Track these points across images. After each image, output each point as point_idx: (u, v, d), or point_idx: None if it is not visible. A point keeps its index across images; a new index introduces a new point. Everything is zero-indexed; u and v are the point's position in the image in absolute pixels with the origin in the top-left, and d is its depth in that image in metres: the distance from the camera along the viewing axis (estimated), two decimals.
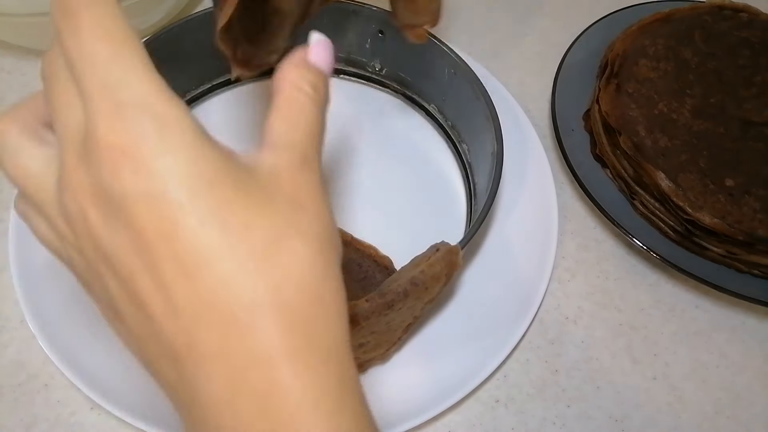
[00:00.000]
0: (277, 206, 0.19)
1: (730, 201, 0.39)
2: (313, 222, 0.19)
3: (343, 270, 0.42)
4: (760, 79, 0.44)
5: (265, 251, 0.18)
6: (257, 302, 0.18)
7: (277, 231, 0.18)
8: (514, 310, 0.39)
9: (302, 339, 0.18)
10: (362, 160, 0.45)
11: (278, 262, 0.18)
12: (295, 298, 0.18)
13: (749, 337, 0.41)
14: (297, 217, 0.19)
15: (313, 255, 0.19)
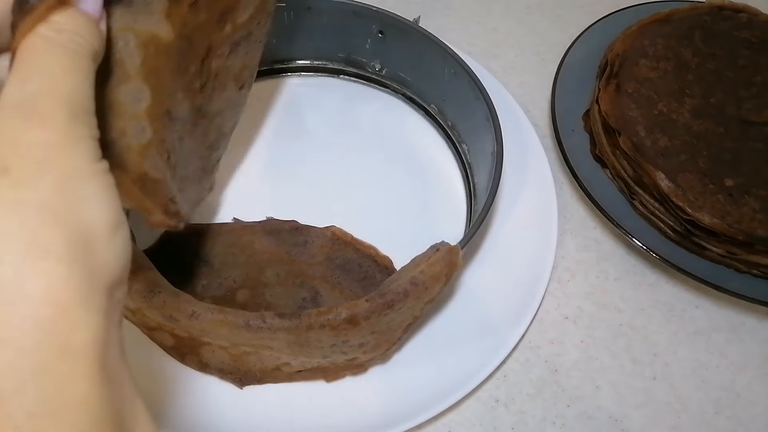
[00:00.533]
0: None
1: (730, 201, 0.39)
2: (24, 196, 0.15)
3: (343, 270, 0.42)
4: (760, 79, 0.44)
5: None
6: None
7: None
8: (514, 310, 0.39)
9: (5, 351, 0.15)
10: (362, 160, 0.45)
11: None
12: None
13: (749, 337, 0.41)
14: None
15: (9, 240, 0.15)
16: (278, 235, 0.41)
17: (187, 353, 0.36)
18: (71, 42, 0.17)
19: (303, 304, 0.38)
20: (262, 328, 0.31)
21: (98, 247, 0.16)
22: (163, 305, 0.31)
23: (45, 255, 0.15)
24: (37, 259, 0.15)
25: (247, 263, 0.40)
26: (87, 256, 0.16)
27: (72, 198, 0.16)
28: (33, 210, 0.15)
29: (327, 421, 0.35)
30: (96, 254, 0.16)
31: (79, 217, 0.16)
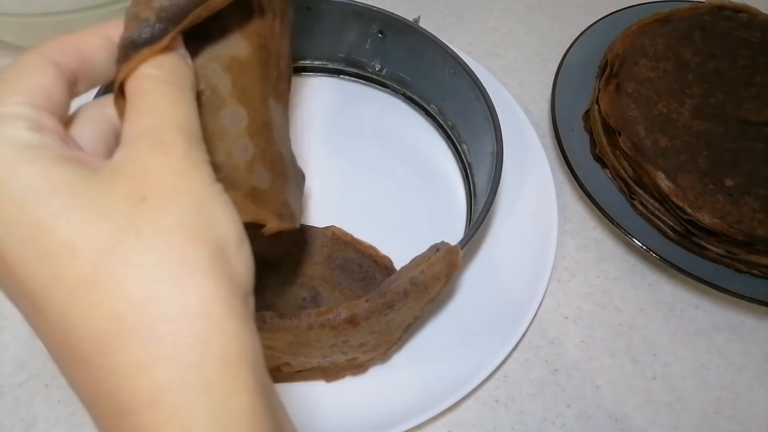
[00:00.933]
0: (111, 207, 0.16)
1: (730, 201, 0.39)
2: (162, 221, 0.16)
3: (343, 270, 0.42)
4: (760, 79, 0.44)
5: (95, 274, 0.16)
6: (106, 337, 0.16)
7: (110, 240, 0.16)
8: (514, 310, 0.39)
9: (171, 364, 0.16)
10: (362, 160, 0.45)
11: (116, 279, 0.16)
12: (148, 318, 0.16)
13: (749, 337, 0.41)
14: (138, 214, 0.16)
15: (159, 259, 0.16)
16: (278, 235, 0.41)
17: None
18: (172, 77, 0.19)
19: (303, 304, 0.38)
20: (262, 328, 0.31)
21: (232, 259, 0.17)
22: None
23: (193, 272, 0.16)
24: (187, 277, 0.16)
25: None
26: (226, 269, 0.17)
27: (205, 218, 0.17)
28: (175, 232, 0.16)
29: (327, 421, 0.35)
30: (231, 266, 0.17)
31: (214, 234, 0.17)
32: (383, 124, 0.47)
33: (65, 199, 0.16)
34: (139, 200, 0.16)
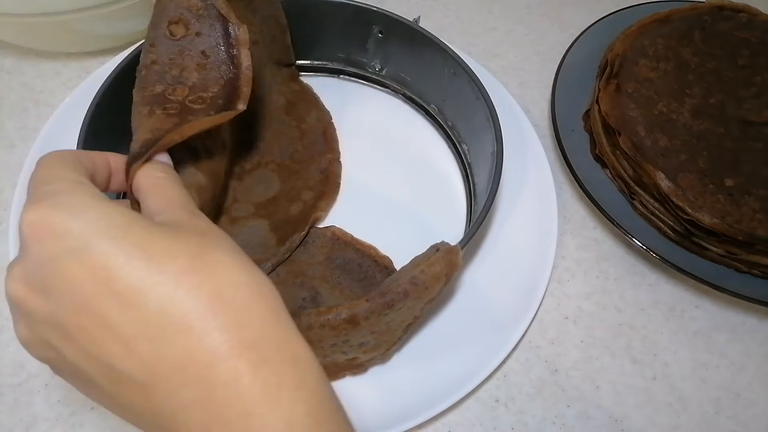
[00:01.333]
0: (187, 235, 0.22)
1: (730, 201, 0.39)
2: (220, 240, 0.23)
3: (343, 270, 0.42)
4: (760, 79, 0.44)
5: (194, 266, 0.21)
6: (201, 312, 0.20)
7: (196, 249, 0.21)
8: (514, 310, 0.39)
9: (251, 332, 0.20)
10: (362, 160, 0.45)
11: (208, 271, 0.21)
12: (237, 298, 0.21)
13: (749, 337, 0.41)
14: (206, 239, 0.22)
15: (236, 260, 0.22)
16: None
17: None
18: (166, 173, 0.26)
19: (303, 304, 0.38)
20: None
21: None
22: None
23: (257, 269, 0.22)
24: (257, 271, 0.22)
25: None
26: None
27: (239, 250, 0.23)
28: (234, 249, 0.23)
29: None
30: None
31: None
32: (383, 124, 0.47)
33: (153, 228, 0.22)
34: (201, 234, 0.22)
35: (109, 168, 0.27)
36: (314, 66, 0.49)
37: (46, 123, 0.43)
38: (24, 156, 0.43)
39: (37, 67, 0.50)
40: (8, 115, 0.47)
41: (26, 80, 0.49)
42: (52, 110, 0.44)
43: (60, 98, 0.46)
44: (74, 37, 0.46)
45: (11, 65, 0.50)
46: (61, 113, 0.44)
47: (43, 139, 0.43)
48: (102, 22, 0.45)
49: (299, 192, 0.43)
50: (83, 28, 0.45)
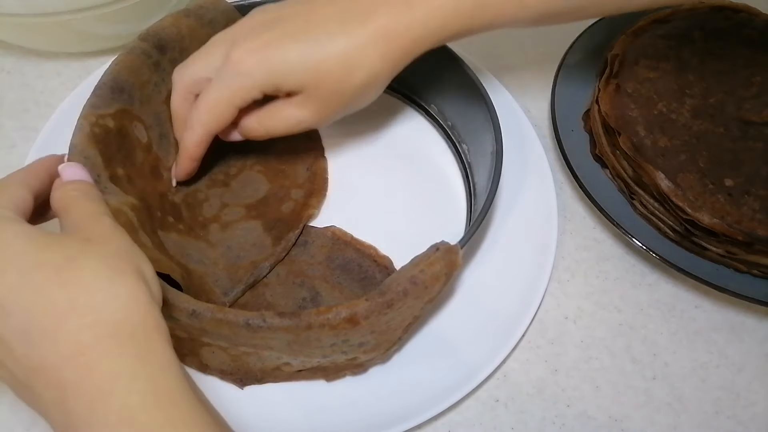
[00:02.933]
0: (66, 245, 0.25)
1: (730, 201, 0.39)
2: (100, 247, 0.25)
3: (343, 270, 0.42)
4: (760, 79, 0.44)
5: (58, 276, 0.24)
6: (56, 318, 0.23)
7: (64, 259, 0.24)
8: (514, 310, 0.39)
9: (98, 332, 0.23)
10: (362, 160, 0.45)
11: (69, 280, 0.24)
12: (90, 303, 0.23)
13: (749, 337, 0.41)
14: (85, 246, 0.25)
15: (101, 266, 0.24)
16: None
17: (187, 354, 0.36)
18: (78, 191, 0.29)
19: (303, 303, 0.38)
20: (262, 327, 0.31)
21: (148, 280, 0.26)
22: (164, 304, 0.31)
23: (124, 275, 0.25)
24: (121, 276, 0.25)
25: None
26: (145, 282, 0.25)
27: (130, 253, 0.26)
28: (111, 254, 0.25)
29: (327, 421, 0.35)
30: (148, 283, 0.26)
31: (136, 263, 0.26)
32: (382, 124, 0.47)
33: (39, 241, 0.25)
34: (86, 240, 0.26)
35: (49, 174, 0.30)
36: None
37: (46, 123, 0.43)
38: (24, 156, 0.43)
39: (38, 67, 0.50)
40: (8, 115, 0.47)
41: (26, 80, 0.49)
42: (52, 110, 0.44)
43: (60, 98, 0.46)
44: (74, 37, 0.46)
45: (11, 65, 0.50)
46: (61, 113, 0.44)
47: (43, 139, 0.43)
48: (102, 22, 0.45)
49: (288, 191, 0.42)
50: (83, 28, 0.45)
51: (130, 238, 0.28)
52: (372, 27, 0.31)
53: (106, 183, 0.34)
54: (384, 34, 0.32)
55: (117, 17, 0.45)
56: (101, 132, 0.35)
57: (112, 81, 0.37)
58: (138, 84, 0.38)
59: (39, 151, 0.42)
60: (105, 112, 0.36)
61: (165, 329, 0.25)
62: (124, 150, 0.37)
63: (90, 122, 0.35)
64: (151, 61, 0.39)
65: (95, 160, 0.34)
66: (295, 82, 0.33)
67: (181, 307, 0.31)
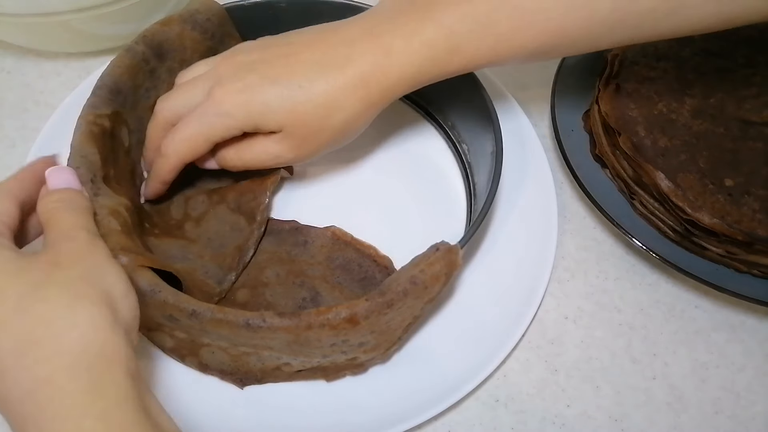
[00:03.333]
0: (32, 269, 0.25)
1: (730, 201, 0.39)
2: (65, 272, 0.25)
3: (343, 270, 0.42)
4: (760, 79, 0.44)
5: (19, 306, 0.24)
6: (17, 352, 0.23)
7: (27, 287, 0.24)
8: (514, 310, 0.39)
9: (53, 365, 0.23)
10: (361, 160, 0.45)
11: (28, 311, 0.24)
12: (47, 334, 0.23)
13: (749, 337, 0.41)
14: (50, 272, 0.25)
15: (62, 295, 0.24)
16: (278, 236, 0.41)
17: (187, 355, 0.36)
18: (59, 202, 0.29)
19: (303, 304, 0.38)
20: (262, 327, 0.31)
21: (118, 303, 0.25)
22: (164, 305, 0.31)
23: (85, 301, 0.24)
24: (82, 304, 0.24)
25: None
26: (111, 306, 0.25)
27: (98, 274, 0.26)
28: (75, 279, 0.25)
29: (327, 421, 0.35)
30: (116, 306, 0.25)
31: (104, 284, 0.25)
32: (382, 125, 0.47)
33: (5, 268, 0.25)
34: (54, 265, 0.25)
35: (38, 180, 0.30)
36: None
37: (46, 123, 0.43)
38: (24, 156, 0.43)
39: (38, 67, 0.50)
40: (8, 115, 0.47)
41: (26, 80, 0.49)
42: (52, 110, 0.44)
43: (60, 98, 0.46)
44: (74, 37, 0.46)
45: (11, 65, 0.50)
46: (61, 113, 0.44)
47: (43, 139, 0.43)
48: (102, 22, 0.45)
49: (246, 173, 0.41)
50: (83, 28, 0.45)
51: (104, 253, 0.27)
52: (350, 73, 0.33)
53: (100, 183, 0.34)
54: (362, 79, 0.33)
55: (117, 17, 0.45)
56: (99, 131, 0.35)
57: (112, 83, 0.37)
58: (133, 88, 0.38)
59: (39, 151, 0.42)
60: (103, 113, 0.36)
61: (125, 357, 0.24)
62: (114, 152, 0.37)
63: (88, 121, 0.35)
64: (149, 67, 0.39)
65: (93, 159, 0.34)
66: (275, 123, 0.34)
67: (181, 308, 0.31)
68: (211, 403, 0.35)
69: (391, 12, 0.34)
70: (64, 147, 0.35)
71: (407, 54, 0.33)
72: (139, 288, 0.30)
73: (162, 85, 0.40)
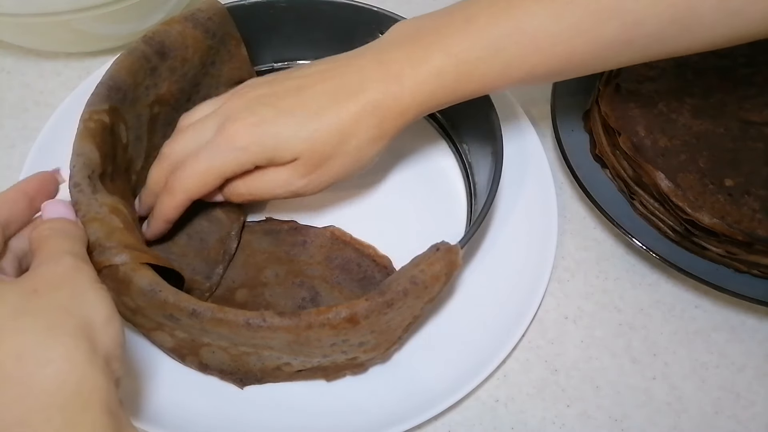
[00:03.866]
0: (8, 299, 0.24)
1: (730, 201, 0.39)
2: (42, 300, 0.24)
3: (342, 270, 0.42)
4: (760, 79, 0.44)
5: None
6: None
7: (4, 317, 0.23)
8: (514, 310, 0.39)
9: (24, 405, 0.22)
10: None
11: (4, 343, 0.22)
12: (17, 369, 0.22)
13: (749, 337, 0.41)
14: (27, 301, 0.24)
15: (36, 327, 0.23)
16: (277, 236, 0.41)
17: (187, 354, 0.36)
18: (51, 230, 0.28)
19: (302, 303, 0.38)
20: (262, 327, 0.31)
21: (97, 331, 0.24)
22: (164, 304, 0.31)
23: (61, 333, 0.23)
24: (56, 336, 0.23)
25: (246, 263, 0.40)
26: (89, 336, 0.24)
27: (78, 302, 0.24)
28: (52, 309, 0.24)
29: (327, 421, 0.35)
30: (96, 335, 0.24)
31: (83, 312, 0.24)
32: None
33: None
34: (31, 292, 0.24)
35: (27, 196, 0.29)
36: None
37: (46, 123, 0.43)
38: (24, 156, 0.43)
39: (38, 67, 0.50)
40: (8, 115, 0.47)
41: (26, 80, 0.49)
42: (52, 110, 0.44)
43: (60, 98, 0.46)
44: (74, 37, 0.46)
45: (11, 65, 0.50)
46: (61, 113, 0.44)
47: (43, 139, 0.43)
48: (102, 22, 0.45)
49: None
50: (83, 28, 0.45)
51: (89, 278, 0.26)
52: (363, 100, 0.33)
53: (97, 181, 0.34)
54: (375, 107, 0.33)
55: (117, 17, 0.45)
56: (97, 127, 0.35)
57: (111, 80, 0.37)
58: (133, 85, 0.38)
59: (39, 151, 0.42)
60: (100, 108, 0.36)
61: (104, 393, 0.23)
62: (113, 148, 0.37)
63: (85, 119, 0.35)
64: (150, 65, 0.39)
65: (92, 155, 0.34)
66: (290, 153, 0.34)
67: (181, 307, 0.31)
68: (211, 403, 0.35)
69: (399, 41, 0.34)
70: (64, 147, 0.35)
71: (417, 82, 0.33)
72: (140, 287, 0.30)
73: (163, 83, 0.40)
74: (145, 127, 0.40)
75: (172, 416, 0.35)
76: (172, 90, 0.40)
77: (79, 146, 0.34)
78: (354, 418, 0.35)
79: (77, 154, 0.34)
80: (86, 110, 0.36)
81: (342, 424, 0.35)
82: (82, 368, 0.23)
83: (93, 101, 0.36)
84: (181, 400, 0.35)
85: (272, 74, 0.37)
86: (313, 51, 0.48)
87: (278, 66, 0.49)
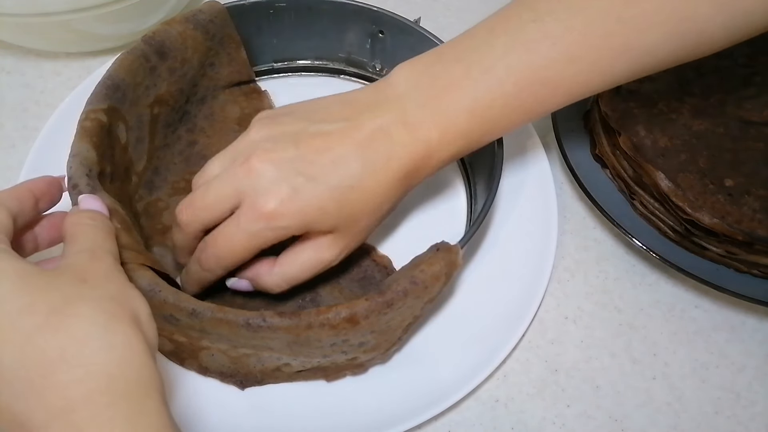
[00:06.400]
0: (60, 285, 0.24)
1: (730, 201, 0.39)
2: (95, 290, 0.24)
3: (342, 270, 0.42)
4: (760, 79, 0.44)
5: (48, 322, 0.22)
6: (44, 370, 0.22)
7: (57, 302, 0.23)
8: (514, 310, 0.39)
9: (87, 387, 0.22)
10: None
11: (60, 327, 0.22)
12: (82, 354, 0.22)
13: (749, 337, 0.41)
14: (80, 288, 0.24)
15: (96, 312, 0.23)
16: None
17: (187, 358, 0.35)
18: (93, 220, 0.29)
19: (302, 303, 0.38)
20: (262, 327, 0.31)
21: (144, 325, 0.25)
22: (164, 304, 0.31)
23: (120, 321, 0.24)
24: (116, 323, 0.24)
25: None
26: (140, 328, 0.25)
27: (126, 296, 0.25)
28: (107, 299, 0.24)
29: (327, 421, 0.35)
30: (144, 328, 0.25)
31: (132, 306, 0.25)
32: None
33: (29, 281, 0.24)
34: (81, 281, 0.24)
35: (33, 196, 0.29)
36: (314, 66, 0.49)
37: (46, 123, 0.43)
38: (24, 156, 0.43)
39: (38, 67, 0.50)
40: (8, 115, 0.47)
41: (26, 80, 0.49)
42: (52, 110, 0.44)
43: (60, 98, 0.46)
44: (74, 37, 0.46)
45: (11, 65, 0.50)
46: (61, 113, 0.44)
47: (43, 139, 0.43)
48: (102, 22, 0.45)
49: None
50: (83, 28, 0.45)
51: (127, 279, 0.27)
52: (395, 168, 0.33)
53: (95, 180, 0.34)
54: (406, 174, 0.33)
55: (117, 17, 0.45)
56: (94, 126, 0.35)
57: (109, 79, 0.37)
58: (132, 85, 0.38)
59: (39, 151, 0.42)
60: (98, 107, 0.36)
61: (160, 383, 0.24)
62: (111, 148, 0.37)
63: (82, 118, 0.35)
64: (149, 65, 0.39)
65: (88, 154, 0.34)
66: (330, 225, 0.33)
67: (180, 307, 0.31)
68: (212, 405, 0.35)
69: (418, 97, 0.33)
70: (65, 147, 0.35)
71: (445, 145, 0.34)
72: (140, 287, 0.30)
73: (162, 83, 0.40)
74: (147, 129, 0.40)
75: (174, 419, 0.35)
76: (171, 90, 0.40)
77: (76, 147, 0.34)
78: (354, 419, 0.35)
79: (73, 155, 0.34)
80: (84, 110, 0.36)
81: (342, 424, 0.35)
82: (142, 358, 0.23)
83: (92, 100, 0.36)
84: (182, 403, 0.35)
85: (283, 113, 0.35)
86: (312, 51, 0.48)
87: (278, 66, 0.49)
